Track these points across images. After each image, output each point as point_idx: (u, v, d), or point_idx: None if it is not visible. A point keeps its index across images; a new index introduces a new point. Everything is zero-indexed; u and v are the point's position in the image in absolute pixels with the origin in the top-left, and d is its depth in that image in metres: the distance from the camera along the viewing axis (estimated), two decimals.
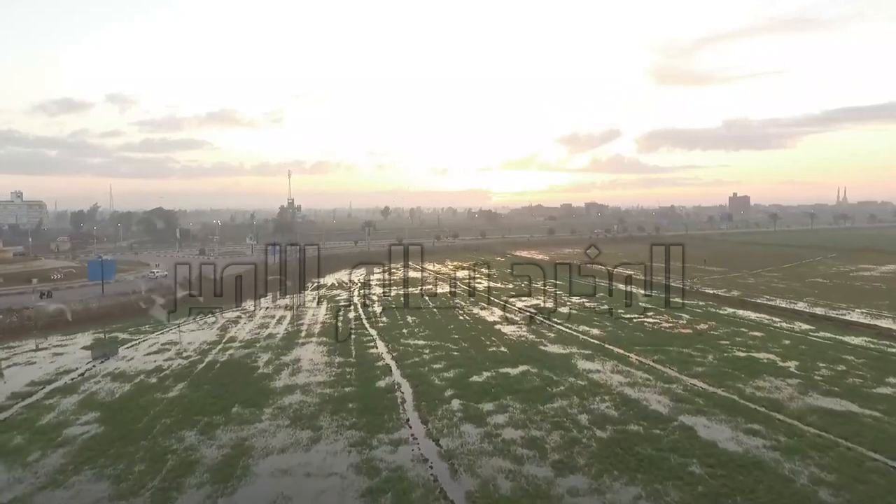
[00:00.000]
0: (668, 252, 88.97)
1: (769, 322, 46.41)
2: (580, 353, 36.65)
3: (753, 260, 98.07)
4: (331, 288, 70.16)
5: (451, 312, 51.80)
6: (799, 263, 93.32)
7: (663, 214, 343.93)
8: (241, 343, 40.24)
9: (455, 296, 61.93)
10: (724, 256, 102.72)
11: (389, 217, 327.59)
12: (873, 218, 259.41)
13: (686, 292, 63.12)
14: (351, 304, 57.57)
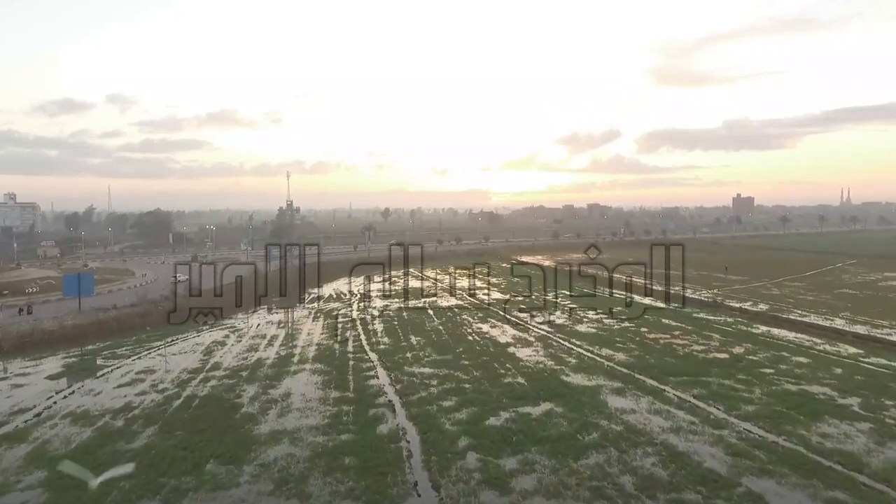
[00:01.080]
0: (683, 259, 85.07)
1: (810, 344, 42.05)
2: (608, 385, 32.30)
3: (772, 267, 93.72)
4: (328, 300, 65.86)
5: (458, 330, 47.46)
6: (821, 271, 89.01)
7: (668, 216, 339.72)
8: (226, 371, 35.89)
9: (462, 310, 57.58)
10: (741, 263, 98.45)
11: (390, 219, 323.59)
12: (883, 220, 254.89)
13: (710, 305, 59.02)
14: (349, 319, 53.22)
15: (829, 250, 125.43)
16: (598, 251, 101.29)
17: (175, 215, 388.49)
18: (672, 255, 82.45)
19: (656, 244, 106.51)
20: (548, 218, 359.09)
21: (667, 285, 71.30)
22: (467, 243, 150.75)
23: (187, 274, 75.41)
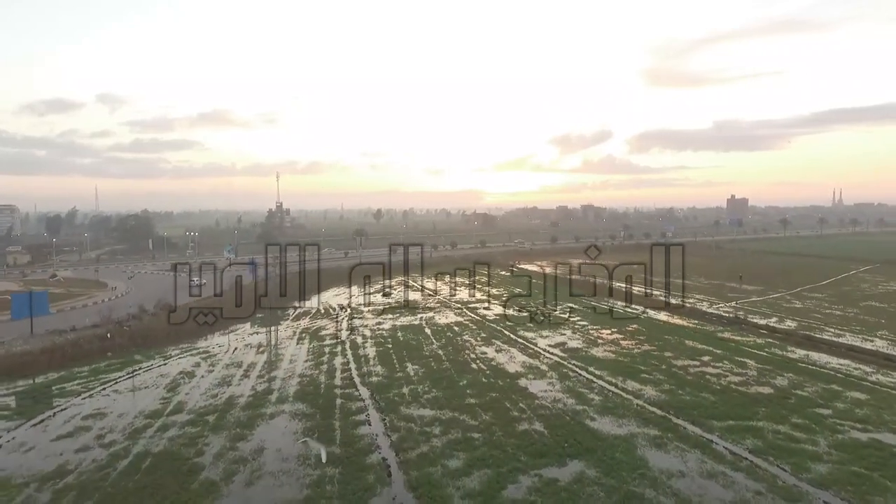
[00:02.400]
0: (683, 266, 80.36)
1: (860, 373, 37.16)
2: (643, 433, 27.15)
3: (785, 275, 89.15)
4: (315, 316, 60.27)
5: (461, 356, 42.16)
6: (837, 279, 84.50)
7: (664, 218, 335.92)
8: (190, 415, 30.39)
9: (463, 328, 52.27)
10: (751, 270, 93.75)
11: (382, 220, 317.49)
12: (882, 222, 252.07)
13: (733, 322, 54.13)
14: (338, 341, 47.76)
15: (837, 255, 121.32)
16: (598, 251, 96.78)
17: (163, 216, 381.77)
18: (677, 261, 78.07)
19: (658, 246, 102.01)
20: (542, 219, 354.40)
21: (683, 297, 66.77)
22: (463, 248, 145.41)
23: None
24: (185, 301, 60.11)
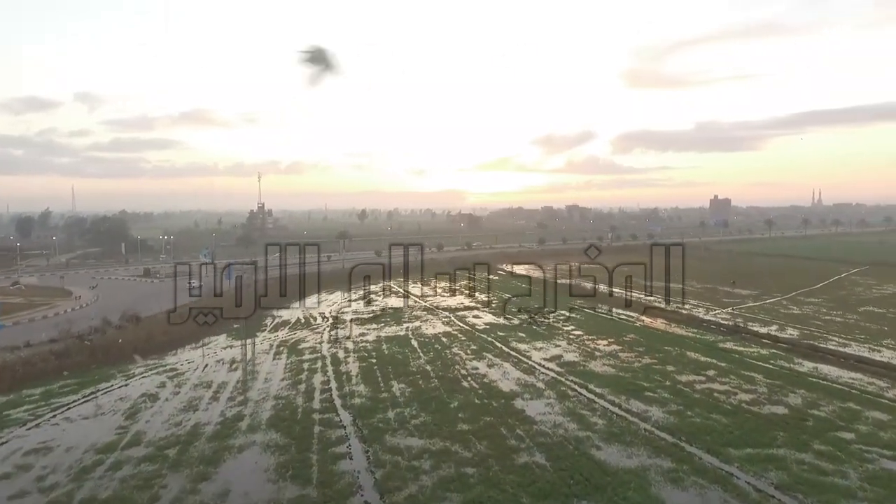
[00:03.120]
0: (683, 269, 78.26)
1: (875, 389, 35.01)
2: (655, 465, 24.46)
3: (777, 278, 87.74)
4: (294, 327, 56.86)
5: (450, 372, 39.21)
6: (830, 282, 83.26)
7: (649, 218, 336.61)
8: (148, 448, 27.00)
9: (452, 340, 49.34)
10: (742, 273, 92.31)
11: (366, 221, 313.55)
12: (863, 223, 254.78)
13: (732, 330, 52.00)
14: (319, 355, 44.51)
15: (825, 256, 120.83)
16: (598, 251, 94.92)
17: (143, 217, 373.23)
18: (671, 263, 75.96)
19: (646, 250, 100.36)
20: (527, 219, 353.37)
21: (682, 302, 64.86)
22: (449, 250, 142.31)
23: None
24: (162, 306, 56.33)
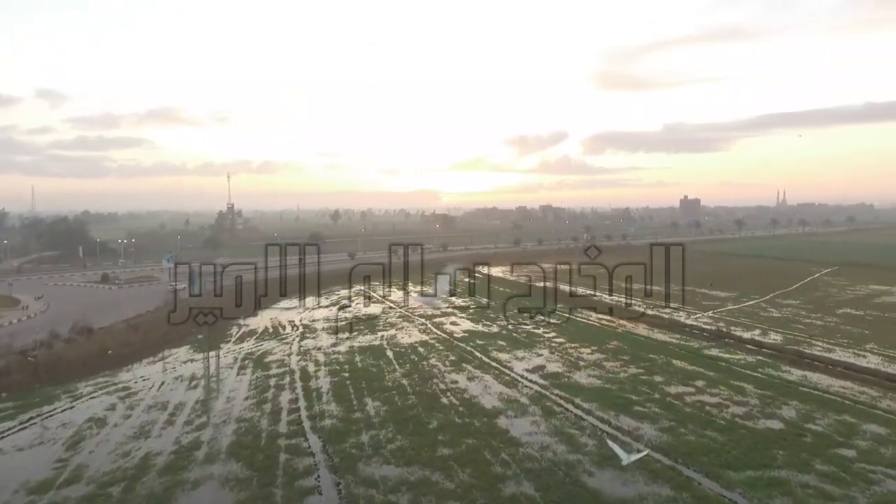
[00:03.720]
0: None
1: (868, 399, 33.90)
2: (654, 494, 22.57)
3: (753, 279, 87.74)
4: (262, 336, 53.62)
5: (429, 387, 36.81)
6: (804, 283, 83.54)
7: (621, 218, 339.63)
8: (90, 485, 23.95)
9: (429, 349, 46.93)
10: (718, 274, 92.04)
11: (340, 222, 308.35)
12: (828, 222, 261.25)
13: (715, 335, 50.89)
14: (287, 369, 41.59)
15: (796, 257, 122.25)
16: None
17: (107, 218, 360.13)
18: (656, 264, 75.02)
19: (621, 250, 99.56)
20: (501, 220, 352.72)
21: (667, 304, 63.91)
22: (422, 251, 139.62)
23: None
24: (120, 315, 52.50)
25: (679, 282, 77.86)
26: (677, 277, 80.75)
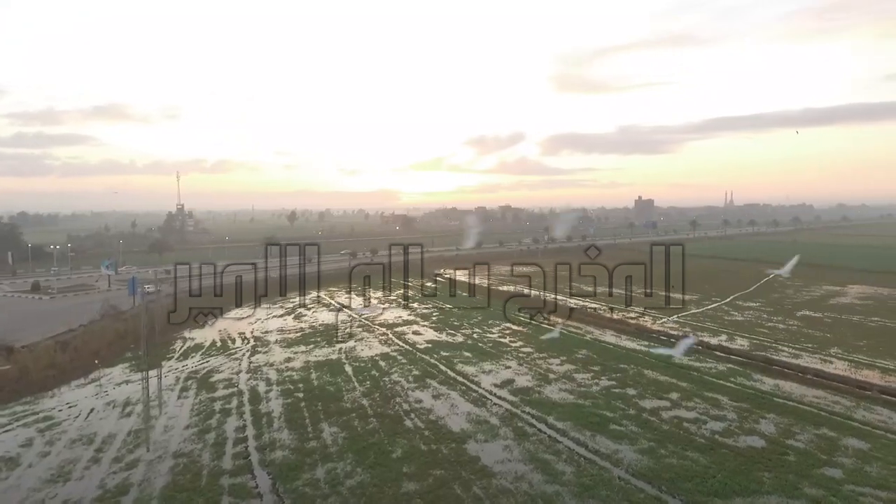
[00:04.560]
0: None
1: (842, 409, 33.20)
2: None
3: (712, 281, 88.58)
4: (209, 351, 49.52)
5: (391, 407, 34.04)
6: (761, 284, 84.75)
7: (579, 218, 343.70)
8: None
9: (391, 363, 44.09)
10: (677, 275, 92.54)
11: (297, 223, 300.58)
12: (775, 223, 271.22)
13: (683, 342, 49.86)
14: (235, 390, 37.99)
15: (750, 257, 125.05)
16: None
17: (46, 219, 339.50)
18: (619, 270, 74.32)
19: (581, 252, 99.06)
20: (461, 220, 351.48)
21: (617, 308, 62.72)
22: (384, 254, 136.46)
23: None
24: (49, 329, 47.39)
25: (642, 284, 77.76)
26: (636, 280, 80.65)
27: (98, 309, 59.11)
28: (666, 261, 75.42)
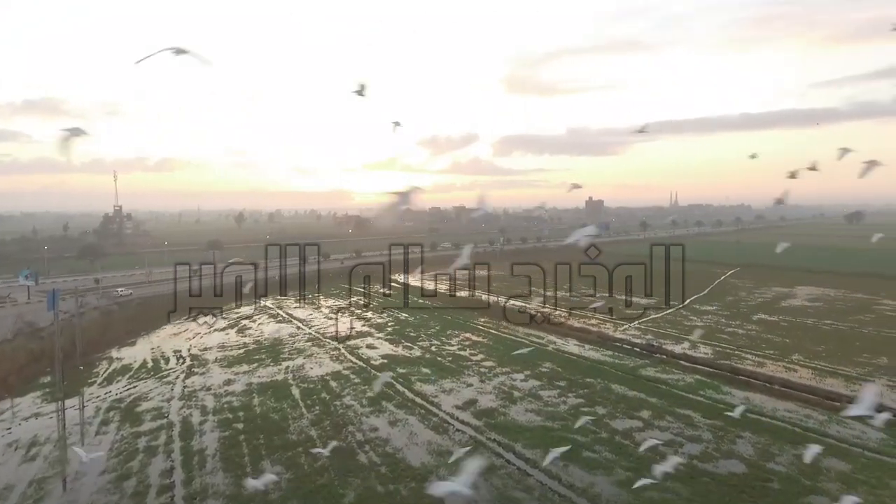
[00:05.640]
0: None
1: (816, 424, 32.15)
2: None
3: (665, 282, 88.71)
4: (138, 373, 44.45)
5: (343, 439, 30.56)
6: (714, 286, 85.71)
7: (532, 219, 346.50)
8: None
9: (343, 382, 40.54)
10: (633, 278, 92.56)
11: (245, 224, 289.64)
12: (718, 223, 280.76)
13: (647, 351, 48.67)
14: (164, 422, 33.59)
15: (700, 258, 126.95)
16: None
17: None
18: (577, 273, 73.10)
19: (538, 254, 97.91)
20: (416, 221, 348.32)
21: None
22: (337, 258, 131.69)
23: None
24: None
25: (594, 289, 76.90)
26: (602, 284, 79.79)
27: (10, 326, 52.71)
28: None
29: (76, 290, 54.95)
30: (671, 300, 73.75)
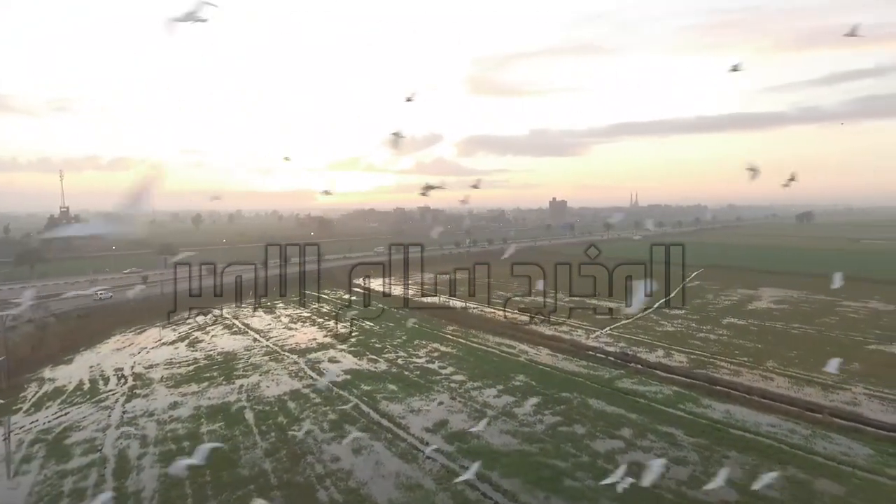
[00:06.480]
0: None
1: (801, 440, 30.88)
2: None
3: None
4: (72, 397, 40.06)
5: (301, 474, 27.56)
6: (681, 288, 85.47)
7: (496, 220, 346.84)
8: None
9: (303, 404, 37.32)
10: (601, 281, 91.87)
11: (203, 226, 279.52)
12: (679, 224, 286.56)
13: (622, 360, 47.12)
14: (96, 459, 29.75)
15: (664, 259, 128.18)
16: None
17: None
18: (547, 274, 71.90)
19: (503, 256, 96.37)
20: (380, 222, 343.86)
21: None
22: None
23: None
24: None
25: (564, 290, 75.56)
26: (562, 286, 78.48)
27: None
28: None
29: (6, 300, 49.79)
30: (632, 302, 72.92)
